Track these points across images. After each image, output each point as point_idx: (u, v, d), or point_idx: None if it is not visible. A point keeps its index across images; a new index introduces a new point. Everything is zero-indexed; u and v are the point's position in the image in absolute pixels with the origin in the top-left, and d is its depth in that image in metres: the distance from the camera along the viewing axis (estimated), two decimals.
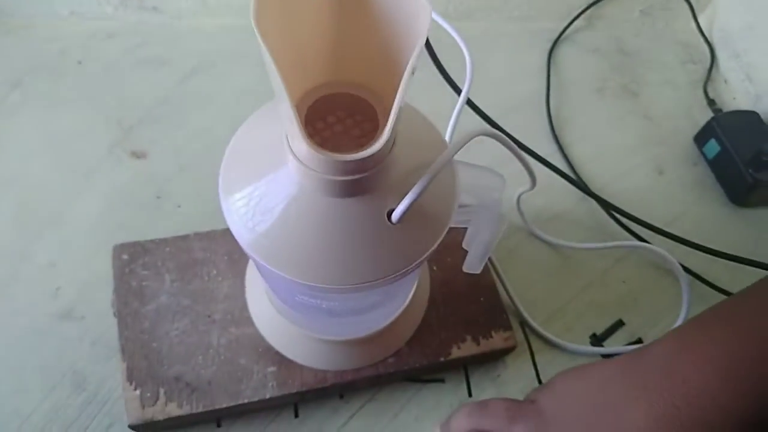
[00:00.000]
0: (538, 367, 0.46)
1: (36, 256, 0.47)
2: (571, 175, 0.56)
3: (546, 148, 0.58)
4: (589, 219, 0.54)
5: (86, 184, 0.51)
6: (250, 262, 0.44)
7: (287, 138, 0.26)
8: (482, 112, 0.47)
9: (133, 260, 0.43)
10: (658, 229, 0.49)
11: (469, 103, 0.46)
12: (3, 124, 0.53)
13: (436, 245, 0.29)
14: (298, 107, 0.27)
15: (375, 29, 0.25)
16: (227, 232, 0.45)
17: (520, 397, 0.42)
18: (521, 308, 0.47)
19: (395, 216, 0.27)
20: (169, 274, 0.43)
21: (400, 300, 0.39)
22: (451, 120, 0.43)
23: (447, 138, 0.45)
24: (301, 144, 0.22)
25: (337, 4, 0.25)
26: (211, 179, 0.51)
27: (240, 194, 0.29)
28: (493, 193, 0.32)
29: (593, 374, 0.32)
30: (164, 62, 0.59)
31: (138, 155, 0.53)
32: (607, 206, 0.51)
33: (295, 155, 0.26)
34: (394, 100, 0.23)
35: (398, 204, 0.27)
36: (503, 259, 0.49)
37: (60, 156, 0.52)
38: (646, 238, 0.52)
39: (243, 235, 0.29)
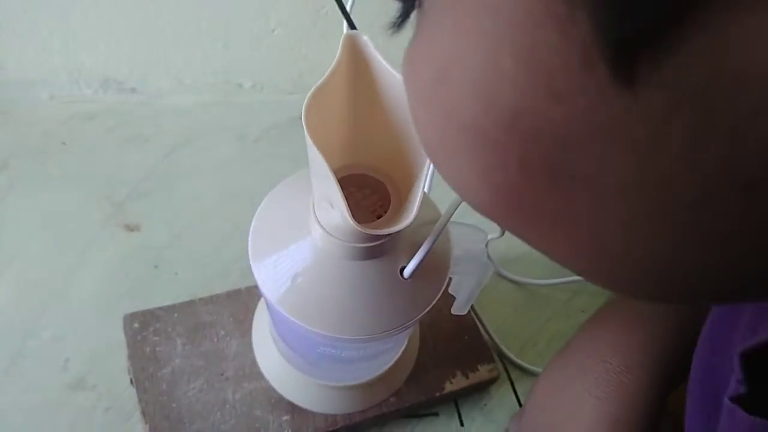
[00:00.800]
0: (518, 393, 0.52)
1: (41, 332, 0.49)
2: None
3: None
4: (547, 258, 0.61)
5: (84, 260, 0.54)
6: (255, 321, 0.48)
7: (313, 210, 0.32)
8: None
9: (144, 327, 0.47)
10: None
11: None
12: None
13: (441, 293, 0.35)
14: None
15: (385, 121, 0.31)
16: (230, 295, 0.49)
17: (506, 422, 0.48)
18: (498, 342, 0.53)
19: (407, 272, 0.33)
20: (180, 338, 0.46)
21: (399, 348, 0.44)
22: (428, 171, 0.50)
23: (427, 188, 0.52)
24: (342, 218, 0.27)
25: (353, 103, 0.31)
26: (204, 246, 0.56)
27: (269, 260, 0.34)
28: (479, 245, 0.39)
29: (549, 381, 0.39)
30: (146, 139, 0.63)
31: (131, 228, 0.56)
32: None
33: (321, 226, 0.31)
34: (410, 180, 0.29)
35: (408, 262, 0.33)
36: (477, 299, 0.55)
37: (55, 234, 0.55)
38: None
39: (273, 295, 0.33)
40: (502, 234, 0.44)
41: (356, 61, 0.29)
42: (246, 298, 0.49)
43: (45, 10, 0.55)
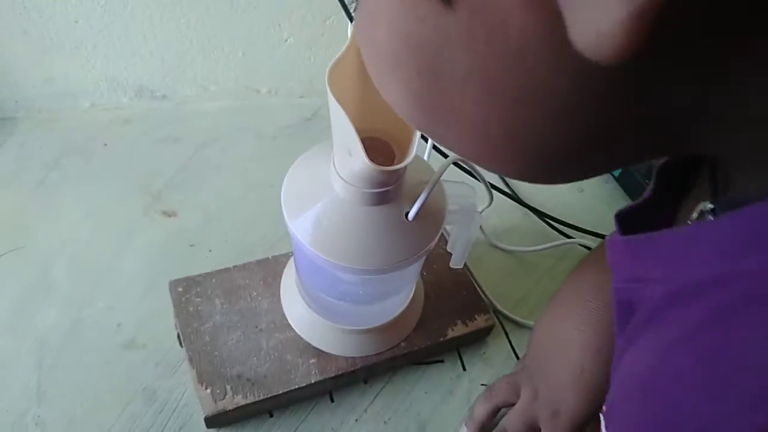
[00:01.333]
0: (513, 343, 0.59)
1: (95, 303, 0.57)
2: (516, 195, 0.71)
3: (491, 177, 0.73)
4: (532, 228, 0.68)
5: (128, 242, 0.61)
6: (283, 282, 0.55)
7: (334, 166, 0.40)
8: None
9: (187, 291, 0.54)
10: (585, 230, 0.64)
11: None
12: (48, 200, 0.63)
13: (438, 235, 0.42)
14: None
15: None
16: (260, 263, 0.57)
17: (504, 366, 0.56)
18: (493, 300, 0.61)
19: (411, 214, 0.41)
20: (219, 299, 0.54)
21: (407, 291, 0.51)
22: (428, 146, 0.58)
23: (426, 156, 0.60)
24: (359, 159, 0.35)
25: (362, 77, 0.39)
26: (233, 227, 0.64)
27: (299, 209, 0.42)
28: (469, 199, 0.46)
29: (543, 323, 0.46)
30: (177, 139, 0.71)
31: (169, 214, 0.64)
32: (543, 216, 0.66)
33: (341, 176, 0.39)
34: (407, 139, 0.37)
35: (412, 207, 0.40)
36: (473, 266, 0.62)
37: (101, 221, 0.63)
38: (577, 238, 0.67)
39: (304, 238, 0.41)
40: (491, 202, 0.52)
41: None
42: (274, 264, 0.57)
43: (90, 26, 0.64)
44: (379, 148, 0.42)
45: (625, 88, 0.17)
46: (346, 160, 0.38)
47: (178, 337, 0.53)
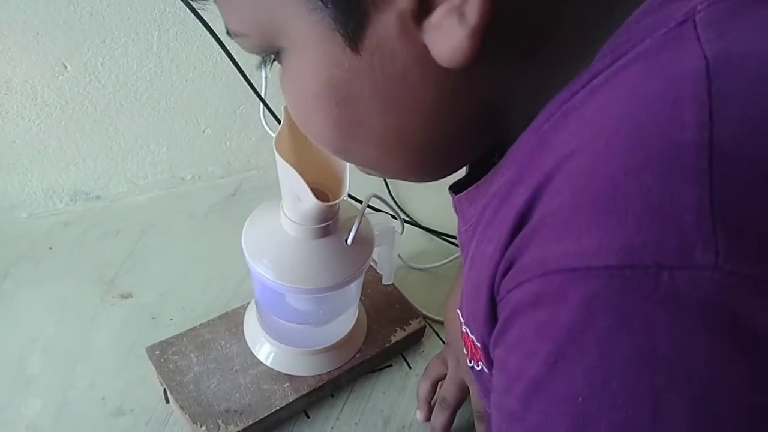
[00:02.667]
0: (443, 339, 0.72)
1: (77, 384, 0.62)
2: (419, 223, 0.86)
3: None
4: (438, 248, 0.83)
5: (94, 326, 0.68)
6: (245, 327, 0.65)
7: (283, 212, 0.51)
8: None
9: (164, 352, 0.62)
10: None
11: None
12: (6, 307, 0.68)
13: (371, 255, 0.55)
14: None
15: (316, 149, 0.52)
16: (222, 317, 0.66)
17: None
18: (421, 309, 0.73)
19: (350, 239, 0.53)
20: (193, 354, 0.62)
21: (353, 309, 0.63)
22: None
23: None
24: (309, 201, 0.47)
25: (297, 143, 0.52)
26: (188, 295, 0.72)
27: (263, 257, 0.53)
28: (389, 224, 0.60)
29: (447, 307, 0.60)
30: (117, 233, 0.79)
31: (125, 296, 0.71)
32: (442, 236, 0.81)
33: (292, 220, 0.51)
34: (336, 185, 0.50)
35: (349, 234, 0.53)
36: (400, 285, 0.75)
37: (64, 314, 0.68)
38: None
39: (270, 275, 0.52)
40: (403, 230, 0.66)
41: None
42: (233, 316, 0.66)
43: (26, 144, 0.72)
44: (316, 194, 0.54)
45: (468, 87, 0.29)
46: (295, 205, 0.50)
47: (165, 393, 0.60)
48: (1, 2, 0.60)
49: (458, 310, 0.39)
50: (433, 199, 0.90)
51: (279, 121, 0.78)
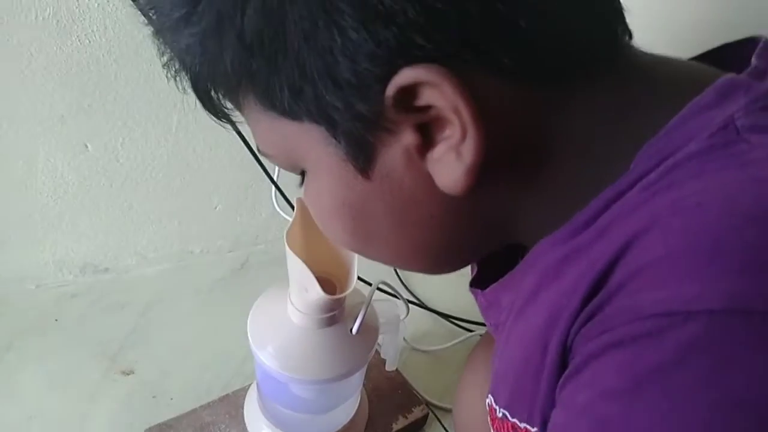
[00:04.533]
0: (445, 426, 0.70)
1: None
2: (425, 305, 0.86)
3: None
4: (442, 329, 0.83)
5: (93, 403, 0.67)
6: (246, 411, 0.64)
7: (291, 302, 0.52)
8: None
9: None
10: (482, 323, 0.80)
11: None
12: (7, 379, 0.68)
13: (376, 344, 0.55)
14: None
15: (325, 241, 0.53)
16: (222, 399, 0.65)
17: None
18: (423, 394, 0.73)
19: (355, 329, 0.53)
20: None
21: (355, 397, 0.62)
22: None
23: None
24: (316, 293, 0.48)
25: (306, 233, 0.53)
26: (189, 373, 0.72)
27: (268, 345, 0.53)
28: (394, 311, 0.60)
29: (458, 402, 0.60)
30: (123, 306, 0.80)
31: (127, 373, 0.71)
32: (448, 317, 0.81)
33: (299, 310, 0.51)
34: (343, 275, 0.51)
35: (354, 324, 0.54)
36: (402, 368, 0.75)
37: (64, 391, 0.68)
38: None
39: (274, 365, 0.52)
40: (408, 312, 0.66)
41: (305, 209, 0.52)
42: (234, 398, 0.66)
43: (42, 217, 0.73)
44: (322, 283, 0.55)
45: (473, 206, 0.32)
46: (303, 295, 0.50)
47: None
48: (30, 86, 0.63)
49: (489, 400, 0.39)
50: (440, 279, 0.90)
51: (288, 202, 0.80)
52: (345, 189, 0.32)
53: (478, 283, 0.41)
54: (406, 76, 0.26)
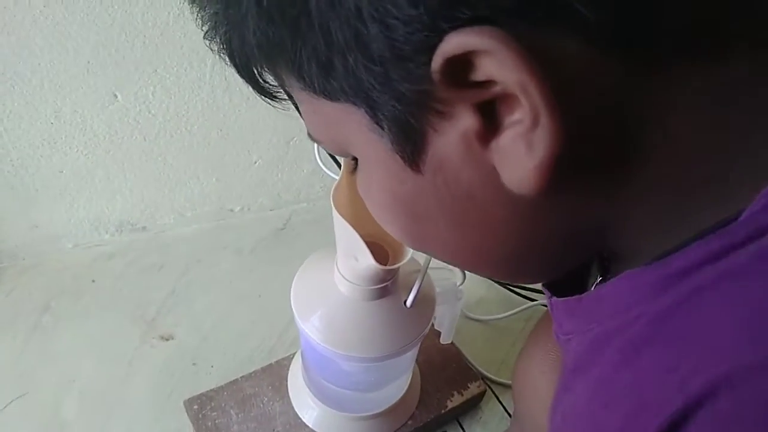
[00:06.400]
0: (504, 403, 0.65)
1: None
2: None
3: None
4: (499, 297, 0.76)
5: (132, 370, 0.64)
6: (290, 384, 0.59)
7: (339, 270, 0.46)
8: None
9: (203, 407, 0.57)
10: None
11: None
12: (45, 342, 0.66)
13: (433, 316, 0.49)
14: None
15: None
16: (265, 369, 0.61)
17: (500, 426, 0.62)
18: (479, 367, 0.67)
19: (409, 302, 0.47)
20: (233, 410, 0.57)
21: (408, 373, 0.57)
22: None
23: None
24: (367, 263, 0.42)
25: (355, 195, 0.47)
26: (230, 340, 0.68)
27: (312, 316, 0.47)
28: (451, 280, 0.54)
29: (518, 377, 0.53)
30: (161, 267, 0.76)
31: (166, 338, 0.68)
32: (506, 285, 0.74)
33: (347, 280, 0.45)
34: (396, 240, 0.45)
35: (408, 296, 0.47)
36: (455, 339, 0.69)
37: (102, 355, 0.65)
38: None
39: (319, 338, 0.46)
40: (464, 279, 0.60)
41: (350, 166, 0.45)
42: (278, 369, 0.61)
43: (74, 174, 0.69)
44: (374, 249, 0.49)
45: (547, 209, 0.25)
46: (352, 264, 0.44)
47: None
48: (52, 29, 0.57)
49: (551, 412, 0.33)
50: None
51: (333, 157, 0.74)
52: (394, 182, 0.27)
53: (553, 286, 0.34)
54: (453, 43, 0.19)
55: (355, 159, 0.30)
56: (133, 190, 0.74)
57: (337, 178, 0.45)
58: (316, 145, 0.72)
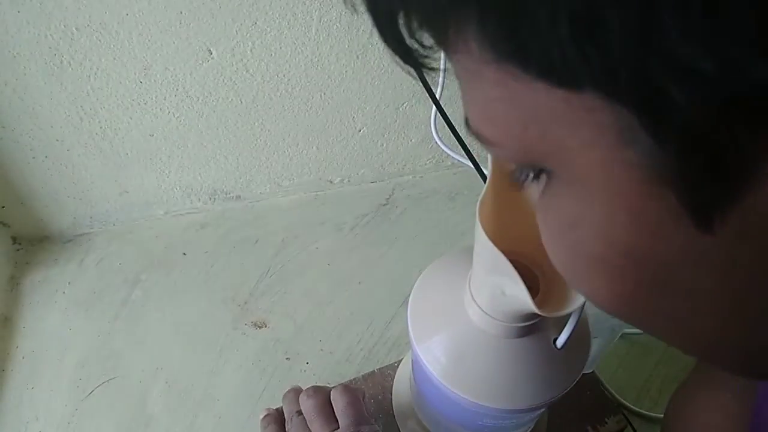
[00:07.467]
0: None
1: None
2: None
3: None
4: None
5: (222, 361, 0.59)
6: (395, 400, 0.52)
7: (471, 295, 0.36)
8: None
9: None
10: None
11: None
12: (134, 321, 0.61)
13: (589, 357, 0.39)
14: None
15: (527, 215, 0.36)
16: (366, 378, 0.53)
17: None
18: (615, 393, 0.56)
19: (560, 342, 0.37)
20: None
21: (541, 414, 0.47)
22: None
23: None
24: (523, 305, 0.32)
25: (500, 203, 0.36)
26: (326, 332, 0.60)
27: (431, 340, 0.38)
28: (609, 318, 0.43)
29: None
30: (255, 241, 0.69)
31: (259, 325, 0.61)
32: None
33: (482, 309, 0.36)
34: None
35: (560, 333, 0.37)
36: None
37: (191, 340, 0.60)
38: None
39: (439, 373, 0.37)
40: None
41: (502, 170, 0.34)
42: (380, 378, 0.53)
43: (165, 138, 0.63)
44: (520, 272, 0.38)
45: None
46: (496, 296, 0.34)
47: None
48: None
49: None
50: None
51: (452, 127, 0.62)
52: (636, 233, 0.17)
53: None
54: None
55: (540, 173, 0.20)
56: (227, 156, 0.67)
57: (450, 152, 0.34)
58: (434, 111, 0.62)
